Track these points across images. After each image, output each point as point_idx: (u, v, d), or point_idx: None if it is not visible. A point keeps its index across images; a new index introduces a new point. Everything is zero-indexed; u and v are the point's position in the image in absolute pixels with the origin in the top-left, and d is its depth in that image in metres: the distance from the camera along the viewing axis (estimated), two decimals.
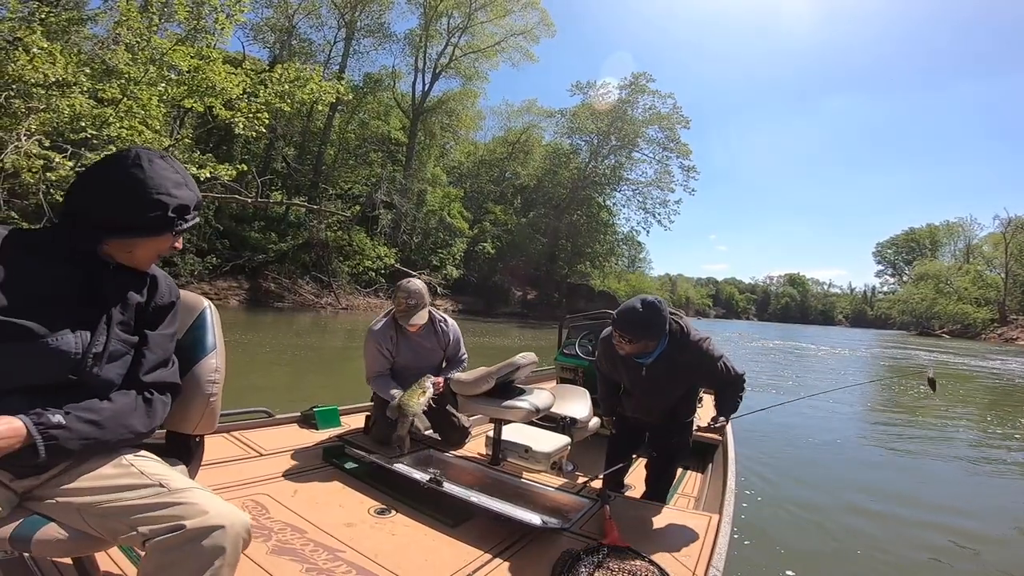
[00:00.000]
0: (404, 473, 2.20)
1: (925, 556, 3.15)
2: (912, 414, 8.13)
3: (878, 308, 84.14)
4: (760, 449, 5.13)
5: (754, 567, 2.84)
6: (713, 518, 2.01)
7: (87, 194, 1.10)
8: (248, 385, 6.75)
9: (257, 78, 9.27)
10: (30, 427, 0.95)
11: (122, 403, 1.11)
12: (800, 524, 3.47)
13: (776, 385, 10.74)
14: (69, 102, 7.08)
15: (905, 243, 76.73)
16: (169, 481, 1.07)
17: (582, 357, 4.05)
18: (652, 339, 2.10)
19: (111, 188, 1.09)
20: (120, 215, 1.09)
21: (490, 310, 31.51)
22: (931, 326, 55.13)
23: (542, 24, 33.16)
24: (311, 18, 28.01)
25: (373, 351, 2.82)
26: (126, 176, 1.09)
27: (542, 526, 1.82)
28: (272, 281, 22.61)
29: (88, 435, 1.03)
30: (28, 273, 1.04)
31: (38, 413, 0.98)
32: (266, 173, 25.14)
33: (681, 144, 37.07)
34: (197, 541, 0.98)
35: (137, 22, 7.97)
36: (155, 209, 1.11)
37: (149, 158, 1.12)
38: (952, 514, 3.86)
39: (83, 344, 1.06)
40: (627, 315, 2.08)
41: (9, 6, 7.36)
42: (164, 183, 1.12)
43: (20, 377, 1.01)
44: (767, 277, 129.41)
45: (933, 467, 5.30)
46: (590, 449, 3.40)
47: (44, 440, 0.96)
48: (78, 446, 1.02)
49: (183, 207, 1.15)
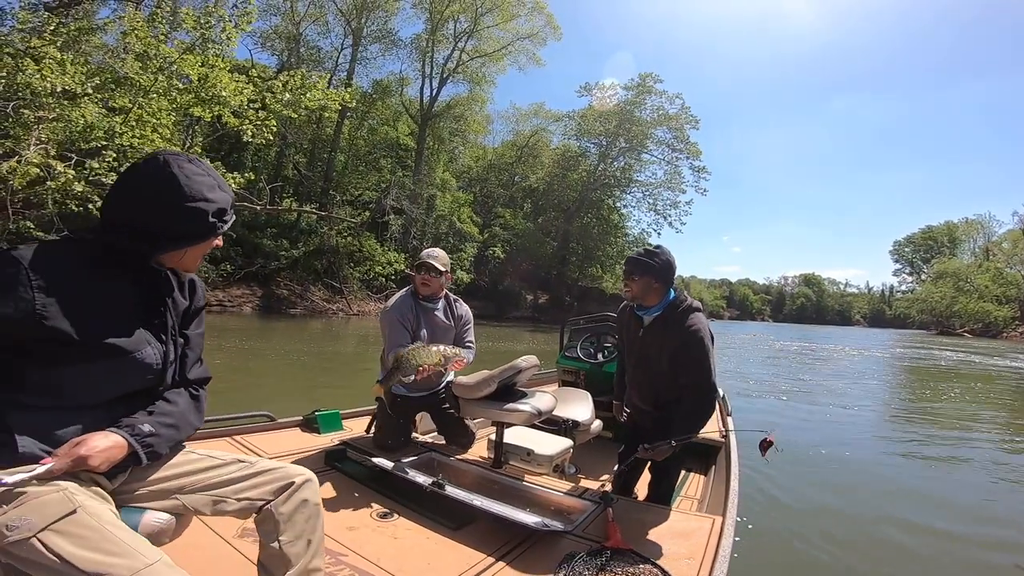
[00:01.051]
0: (406, 477, 2.20)
1: (928, 561, 3.10)
2: (933, 417, 7.89)
3: (897, 308, 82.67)
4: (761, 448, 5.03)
5: (757, 571, 2.81)
6: (716, 521, 1.99)
7: (127, 206, 1.11)
8: (260, 391, 6.76)
9: (264, 86, 9.33)
10: (129, 440, 1.07)
11: (184, 403, 1.23)
12: (804, 528, 3.42)
13: (791, 391, 10.54)
14: (79, 112, 7.17)
15: (923, 241, 75.34)
16: (241, 457, 1.27)
17: (584, 360, 4.03)
18: (655, 278, 2.20)
19: (150, 200, 1.11)
20: (163, 227, 1.12)
21: (501, 314, 31.49)
22: (952, 325, 54.25)
23: (548, 27, 33.17)
24: (318, 25, 28.31)
25: (394, 322, 2.68)
26: (162, 187, 1.10)
27: (544, 529, 1.82)
28: (285, 288, 22.81)
29: (172, 438, 1.17)
30: (100, 288, 1.07)
31: (131, 425, 1.09)
32: (277, 180, 25.46)
33: (691, 144, 36.79)
34: (304, 493, 1.23)
35: (145, 32, 8.06)
36: (195, 218, 1.13)
37: (179, 164, 1.12)
38: (966, 522, 3.74)
39: (160, 354, 1.16)
40: (635, 253, 2.30)
41: (20, 17, 7.52)
42: (200, 189, 1.13)
43: (112, 391, 1.11)
44: (782, 278, 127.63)
45: (950, 472, 5.13)
46: (592, 452, 3.41)
47: (143, 449, 1.09)
48: (167, 448, 1.16)
49: (221, 210, 1.18)
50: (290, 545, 1.19)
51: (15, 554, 0.90)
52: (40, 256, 1.01)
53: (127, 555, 0.91)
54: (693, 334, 2.13)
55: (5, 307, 0.95)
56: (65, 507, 0.93)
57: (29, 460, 0.98)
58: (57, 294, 1.00)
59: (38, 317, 0.97)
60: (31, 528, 0.89)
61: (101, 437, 1.03)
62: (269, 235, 23.33)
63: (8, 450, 0.98)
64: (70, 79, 6.97)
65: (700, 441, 3.15)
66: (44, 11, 8.59)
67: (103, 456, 1.01)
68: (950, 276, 56.85)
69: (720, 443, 3.23)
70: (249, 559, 1.48)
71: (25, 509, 0.91)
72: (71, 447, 1.00)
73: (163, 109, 8.81)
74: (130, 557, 0.91)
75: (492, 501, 2.01)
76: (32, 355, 1.00)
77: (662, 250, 2.25)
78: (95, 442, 1.01)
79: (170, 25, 9.56)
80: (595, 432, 3.24)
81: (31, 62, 6.65)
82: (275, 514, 1.19)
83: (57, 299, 0.99)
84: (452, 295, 2.98)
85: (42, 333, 0.98)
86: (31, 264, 0.99)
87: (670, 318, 2.20)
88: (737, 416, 3.67)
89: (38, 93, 6.63)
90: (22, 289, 0.96)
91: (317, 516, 1.25)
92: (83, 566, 0.87)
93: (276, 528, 1.19)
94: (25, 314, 0.96)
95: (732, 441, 3.00)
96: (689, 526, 1.98)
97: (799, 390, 10.13)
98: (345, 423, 3.09)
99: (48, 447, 1.01)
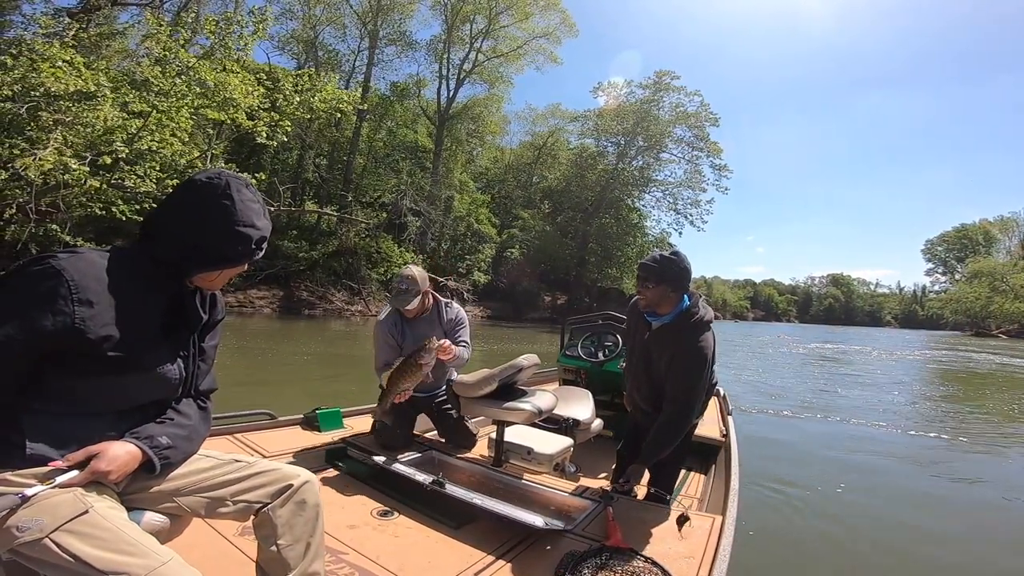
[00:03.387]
0: (406, 475, 2.21)
1: (928, 561, 3.10)
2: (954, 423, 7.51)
3: (929, 308, 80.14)
4: (765, 450, 5.04)
5: (758, 570, 2.81)
6: (717, 519, 1.99)
7: (181, 221, 1.13)
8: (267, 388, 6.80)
9: (273, 87, 9.46)
10: (147, 451, 1.08)
11: (195, 415, 1.24)
12: (805, 528, 3.41)
13: (798, 390, 10.24)
14: (95, 114, 7.35)
15: (956, 239, 72.85)
16: (237, 456, 1.25)
17: (584, 359, 4.03)
18: (671, 286, 2.09)
19: (205, 219, 1.12)
20: (212, 247, 1.13)
21: (519, 316, 31.35)
22: (987, 326, 52.53)
23: (564, 25, 33.02)
24: (335, 28, 28.67)
25: (381, 341, 2.82)
26: (219, 207, 1.12)
27: (545, 528, 1.82)
28: (305, 289, 23.12)
29: (187, 450, 1.19)
30: (137, 303, 1.08)
31: (149, 437, 1.10)
32: (298, 182, 25.85)
33: (711, 142, 36.18)
34: (302, 495, 1.21)
35: (164, 34, 8.23)
36: (242, 242, 1.15)
37: (237, 188, 1.14)
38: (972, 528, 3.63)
39: (181, 370, 1.18)
40: (650, 257, 2.14)
41: (42, 23, 7.75)
42: (251, 215, 1.15)
43: (130, 402, 1.12)
44: (808, 278, 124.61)
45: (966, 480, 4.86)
46: (593, 451, 3.41)
47: (160, 460, 1.10)
48: (182, 459, 1.18)
49: (263, 237, 1.19)
50: (289, 549, 1.18)
51: (27, 555, 0.91)
52: (83, 267, 1.00)
53: (142, 554, 0.92)
54: (696, 352, 2.09)
55: (43, 320, 0.96)
56: (77, 508, 0.94)
57: (38, 462, 0.99)
58: (97, 308, 1.00)
59: (77, 331, 0.97)
60: (43, 529, 0.90)
61: (119, 447, 1.04)
62: (290, 237, 23.72)
63: (19, 451, 0.98)
64: (84, 81, 7.13)
65: (700, 441, 3.15)
66: (66, 17, 8.83)
67: (122, 470, 1.04)
68: (985, 275, 55.05)
69: (720, 442, 3.25)
70: (250, 557, 1.48)
71: (36, 510, 0.92)
72: (86, 455, 1.01)
73: (181, 113, 8.99)
74: (145, 556, 0.92)
75: (492, 500, 2.02)
76: (63, 365, 1.01)
77: (679, 256, 2.11)
78: (114, 452, 1.03)
79: (192, 31, 9.76)
80: (596, 431, 3.22)
81: (47, 64, 6.82)
82: (273, 518, 1.18)
83: (96, 313, 1.00)
84: (444, 299, 3.00)
85: (79, 346, 0.99)
86: (73, 276, 0.98)
87: (680, 328, 2.13)
88: (738, 415, 3.67)
89: (54, 95, 6.80)
90: (62, 302, 0.96)
91: (316, 518, 1.23)
92: (100, 565, 0.88)
93: (274, 532, 1.17)
94: (63, 327, 0.96)
95: (732, 440, 3.01)
96: (689, 525, 1.97)
97: (809, 390, 9.85)
98: (346, 421, 3.09)
99: (59, 451, 1.01)
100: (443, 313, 2.94)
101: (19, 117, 6.79)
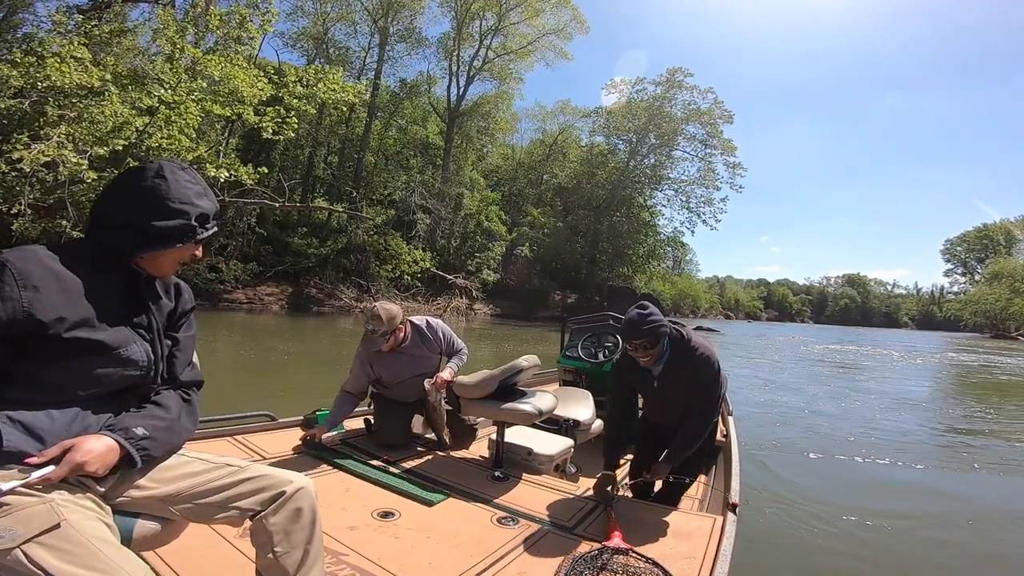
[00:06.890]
0: (406, 475, 2.24)
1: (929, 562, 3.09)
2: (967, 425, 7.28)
3: (947, 309, 78.29)
4: (766, 450, 5.02)
5: (758, 571, 2.82)
6: (717, 520, 1.99)
7: (119, 203, 1.15)
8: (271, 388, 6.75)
9: (280, 81, 9.45)
10: (123, 443, 1.06)
11: (175, 406, 1.22)
12: (806, 528, 3.39)
13: (802, 389, 10.01)
14: (102, 110, 7.37)
15: (977, 240, 71.37)
16: (230, 460, 1.23)
17: (584, 359, 4.03)
18: (663, 337, 2.18)
19: (141, 198, 1.14)
20: (150, 224, 1.14)
21: (529, 314, 31.19)
22: (1007, 328, 51.44)
23: (574, 21, 32.79)
24: (345, 25, 28.64)
25: (357, 364, 2.88)
26: (153, 187, 1.15)
27: (545, 528, 1.84)
28: (314, 286, 23.21)
29: (166, 441, 1.15)
30: (88, 286, 1.08)
31: (124, 428, 1.08)
32: (309, 179, 25.93)
33: (725, 140, 35.79)
34: (297, 502, 1.18)
35: (173, 31, 8.23)
36: (180, 218, 1.16)
37: (171, 170, 1.18)
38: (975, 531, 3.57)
39: (147, 352, 1.16)
40: (638, 322, 2.14)
41: (54, 20, 7.79)
42: (187, 193, 1.17)
43: (100, 387, 1.10)
44: (823, 278, 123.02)
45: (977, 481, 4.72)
46: (593, 451, 3.39)
47: (139, 452, 1.08)
48: (162, 451, 1.15)
49: (204, 215, 1.20)
50: (286, 556, 1.16)
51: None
52: (26, 256, 1.03)
53: (111, 572, 0.90)
54: (709, 368, 2.23)
55: None
56: (50, 519, 0.92)
57: (15, 457, 0.97)
58: (44, 292, 1.01)
59: (28, 315, 0.99)
60: (15, 539, 0.89)
61: (95, 440, 1.03)
62: (300, 234, 23.82)
63: None
64: (90, 76, 7.14)
65: None
66: (78, 13, 8.89)
67: (100, 461, 1.01)
68: (1006, 277, 54.01)
69: (720, 443, 3.24)
70: (250, 558, 1.44)
71: (10, 520, 0.91)
72: (61, 450, 1.00)
73: (191, 108, 9.00)
74: (113, 574, 0.90)
75: (493, 500, 2.04)
76: (24, 351, 1.02)
77: (653, 310, 2.20)
78: (90, 445, 1.01)
79: (202, 26, 9.79)
80: (596, 432, 3.23)
81: (52, 60, 6.84)
82: (267, 526, 1.16)
83: (44, 296, 1.01)
84: (421, 320, 3.00)
85: (35, 329, 1.00)
86: (16, 265, 1.00)
87: (683, 358, 2.25)
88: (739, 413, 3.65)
89: (59, 90, 6.81)
90: (8, 289, 0.98)
91: (313, 524, 1.21)
92: None
93: (270, 540, 1.16)
94: (14, 313, 0.98)
95: (733, 441, 3.02)
96: (690, 526, 1.98)
97: (815, 389, 9.64)
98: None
99: (35, 443, 1.00)
100: (424, 335, 2.94)
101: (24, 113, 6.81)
